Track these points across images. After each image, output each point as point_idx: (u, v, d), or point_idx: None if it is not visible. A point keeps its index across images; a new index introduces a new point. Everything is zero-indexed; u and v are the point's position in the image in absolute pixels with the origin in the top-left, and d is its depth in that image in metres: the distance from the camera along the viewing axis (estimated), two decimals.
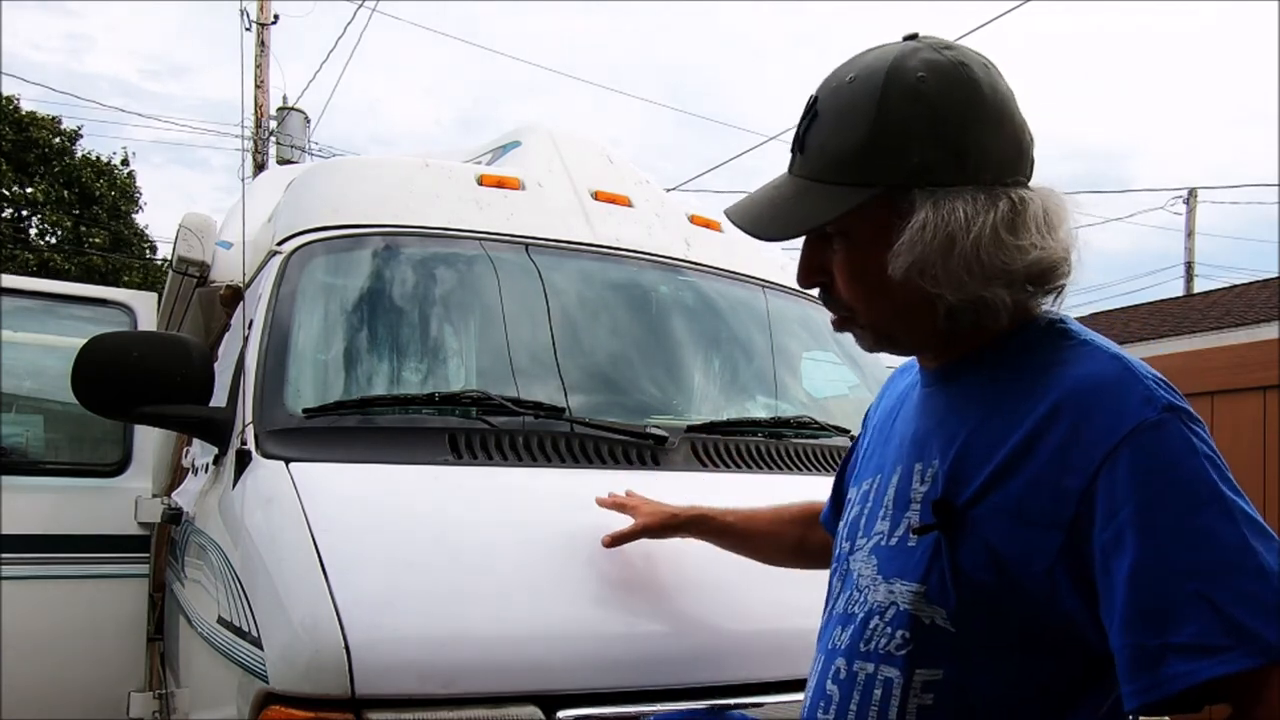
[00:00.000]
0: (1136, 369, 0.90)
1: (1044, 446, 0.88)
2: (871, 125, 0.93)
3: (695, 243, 2.74)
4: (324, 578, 1.46)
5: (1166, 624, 0.80)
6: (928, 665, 0.93)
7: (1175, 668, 0.79)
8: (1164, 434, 0.84)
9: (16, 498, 3.14)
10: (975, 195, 0.91)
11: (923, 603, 0.93)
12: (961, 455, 0.95)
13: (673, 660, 1.55)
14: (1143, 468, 0.83)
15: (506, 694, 1.42)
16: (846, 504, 1.16)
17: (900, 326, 1.01)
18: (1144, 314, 11.82)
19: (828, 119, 0.98)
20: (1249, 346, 6.46)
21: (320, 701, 1.37)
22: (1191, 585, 0.80)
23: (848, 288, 1.01)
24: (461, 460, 1.84)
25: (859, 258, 0.98)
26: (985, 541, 0.90)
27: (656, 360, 2.42)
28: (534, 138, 2.88)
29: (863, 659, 0.98)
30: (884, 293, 0.97)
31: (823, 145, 0.97)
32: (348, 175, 2.64)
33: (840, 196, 0.95)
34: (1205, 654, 0.78)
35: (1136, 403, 0.86)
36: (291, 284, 2.21)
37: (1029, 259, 0.91)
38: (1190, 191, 17.75)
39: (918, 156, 0.93)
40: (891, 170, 0.93)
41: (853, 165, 0.95)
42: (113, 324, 3.41)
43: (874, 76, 0.95)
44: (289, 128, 13.11)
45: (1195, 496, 0.82)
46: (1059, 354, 0.94)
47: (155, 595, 3.37)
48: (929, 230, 0.91)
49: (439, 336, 2.32)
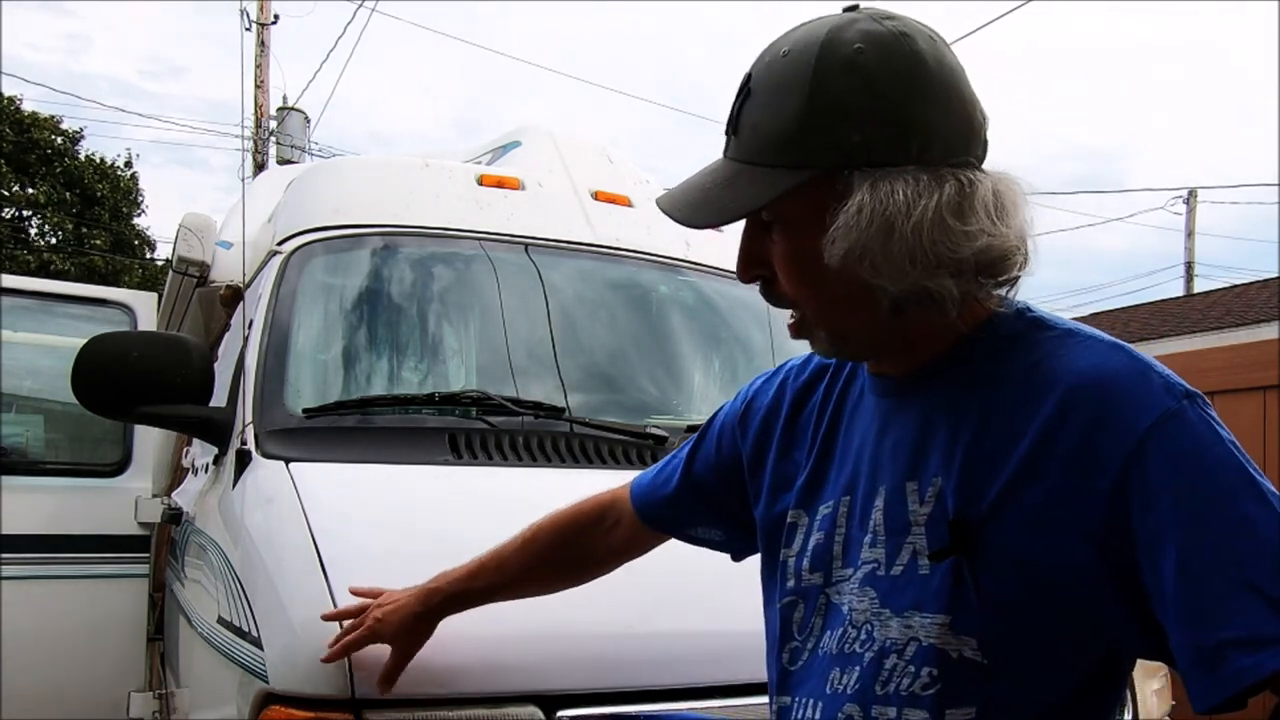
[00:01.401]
0: (1142, 356, 0.86)
1: (1060, 447, 0.83)
2: (805, 102, 0.86)
3: (695, 242, 2.74)
4: (324, 578, 1.46)
5: (1221, 619, 0.76)
6: (959, 704, 0.86)
7: (1237, 663, 0.75)
8: (1187, 422, 0.81)
9: (17, 498, 3.14)
10: (918, 176, 0.84)
11: (949, 635, 0.86)
12: (967, 469, 0.88)
13: (673, 660, 1.55)
14: (1172, 459, 0.79)
15: (506, 694, 1.42)
16: (792, 531, 1.05)
17: (848, 323, 0.92)
18: (1144, 314, 11.82)
19: (760, 97, 0.90)
20: (1249, 346, 6.47)
21: (320, 701, 1.37)
22: (1239, 575, 0.76)
23: (787, 279, 0.93)
24: (461, 460, 1.84)
25: (796, 246, 0.90)
26: (1010, 558, 0.84)
27: (656, 360, 2.42)
28: (534, 138, 2.89)
29: (881, 703, 0.89)
30: (823, 283, 0.89)
31: (755, 125, 0.90)
32: (348, 175, 2.65)
33: (773, 179, 0.87)
34: (1264, 646, 0.74)
35: (1157, 392, 0.82)
36: (291, 284, 2.21)
37: (977, 246, 0.83)
38: (1190, 191, 17.76)
39: (856, 134, 0.85)
40: (827, 150, 0.86)
41: (786, 146, 0.87)
42: (113, 324, 3.41)
43: (808, 49, 0.87)
44: (289, 128, 13.11)
45: (1228, 483, 0.79)
46: (1046, 346, 0.89)
47: (155, 595, 3.37)
48: (865, 214, 0.83)
49: (439, 336, 2.32)
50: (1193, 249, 17.86)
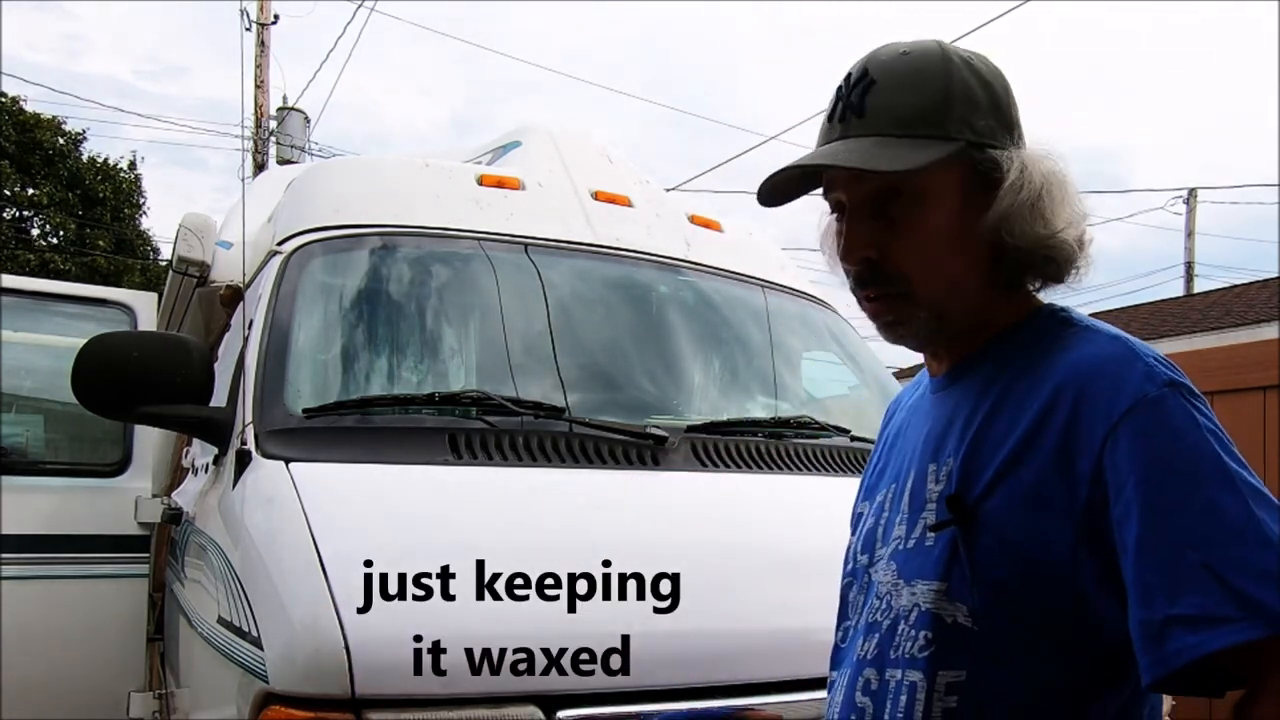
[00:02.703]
0: (1136, 347, 0.91)
1: (1050, 431, 0.89)
2: (944, 86, 0.98)
3: (695, 243, 2.74)
4: (324, 578, 1.46)
5: (1171, 596, 0.79)
6: (950, 666, 0.92)
7: (1181, 640, 0.78)
8: (1164, 409, 0.85)
9: (17, 498, 3.14)
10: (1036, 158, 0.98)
11: (944, 601, 0.93)
12: (973, 449, 0.95)
13: (673, 660, 1.55)
14: (1143, 443, 0.84)
15: (506, 694, 1.42)
16: (859, 520, 1.15)
17: (956, 295, 0.99)
18: (1144, 314, 11.82)
19: (890, 84, 0.99)
20: (1249, 346, 6.47)
21: (320, 701, 1.37)
22: (1194, 556, 0.79)
23: (914, 251, 0.98)
24: (461, 460, 1.84)
25: (935, 215, 0.98)
26: (1001, 533, 0.90)
27: (656, 360, 2.42)
28: (534, 138, 2.88)
29: (892, 666, 0.96)
30: (953, 251, 0.98)
31: (891, 105, 0.98)
32: (348, 175, 2.65)
33: (923, 148, 0.96)
34: (1210, 625, 0.78)
35: (1137, 379, 0.87)
36: (291, 284, 2.21)
37: (1078, 212, 0.97)
38: (1190, 191, 17.75)
39: (982, 120, 0.98)
40: (967, 127, 0.97)
41: (931, 120, 0.97)
42: (113, 324, 3.41)
43: (931, 50, 1.00)
44: (289, 128, 13.10)
45: (1197, 469, 0.82)
46: (1060, 340, 0.96)
47: (155, 595, 3.37)
48: (1032, 171, 0.95)
49: (439, 336, 2.32)
50: (1193, 249, 17.87)
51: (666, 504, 1.90)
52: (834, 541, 1.19)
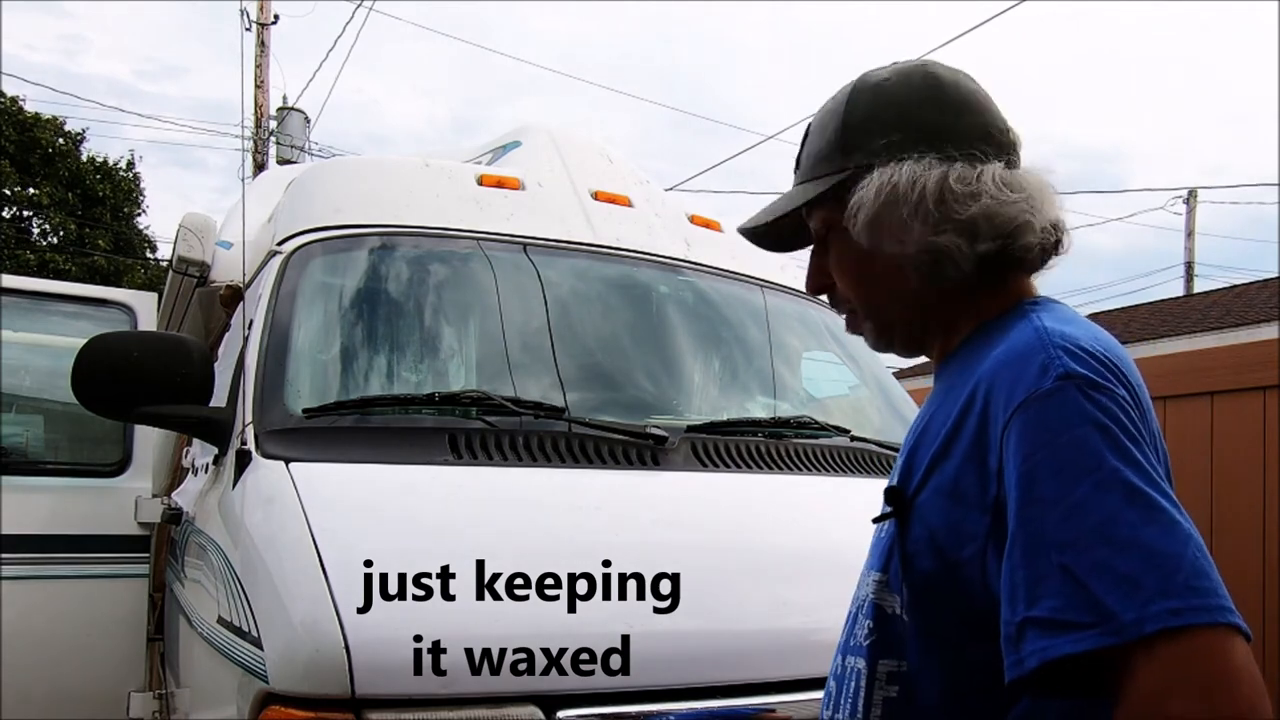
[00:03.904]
0: (1048, 338, 0.88)
1: (968, 426, 0.89)
2: (840, 123, 1.03)
3: (695, 243, 2.74)
4: (324, 578, 1.46)
5: (1030, 598, 0.78)
6: (889, 655, 0.94)
7: (1033, 644, 0.77)
8: (1052, 404, 0.82)
9: (17, 498, 3.14)
10: (929, 159, 0.97)
11: (885, 591, 0.95)
12: (916, 444, 0.98)
13: (673, 660, 1.55)
14: (1028, 439, 0.82)
15: (506, 694, 1.42)
16: None
17: (889, 308, 1.05)
18: (1144, 314, 11.82)
19: (812, 131, 1.09)
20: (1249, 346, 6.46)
21: (320, 701, 1.37)
22: (1056, 557, 0.77)
23: (838, 275, 1.07)
24: (461, 460, 1.84)
25: (840, 244, 1.05)
26: (927, 527, 0.91)
27: (656, 360, 2.42)
28: (534, 138, 2.88)
29: (850, 653, 1.00)
30: (863, 269, 1.04)
31: (808, 153, 1.09)
32: (348, 175, 2.65)
33: (815, 185, 1.05)
34: (1061, 630, 0.75)
35: (1034, 372, 0.85)
36: (291, 284, 2.21)
37: (980, 205, 0.94)
38: (1190, 191, 17.76)
39: (882, 138, 1.00)
40: (861, 156, 1.01)
41: (827, 158, 1.04)
42: (113, 324, 3.41)
43: (845, 88, 1.06)
44: (289, 128, 13.11)
45: (1073, 466, 0.79)
46: (999, 334, 0.95)
47: (155, 595, 3.37)
48: (874, 188, 0.98)
49: (439, 336, 2.32)
50: (1193, 249, 17.87)
51: (666, 504, 1.90)
52: (834, 541, 1.20)
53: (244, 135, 13.29)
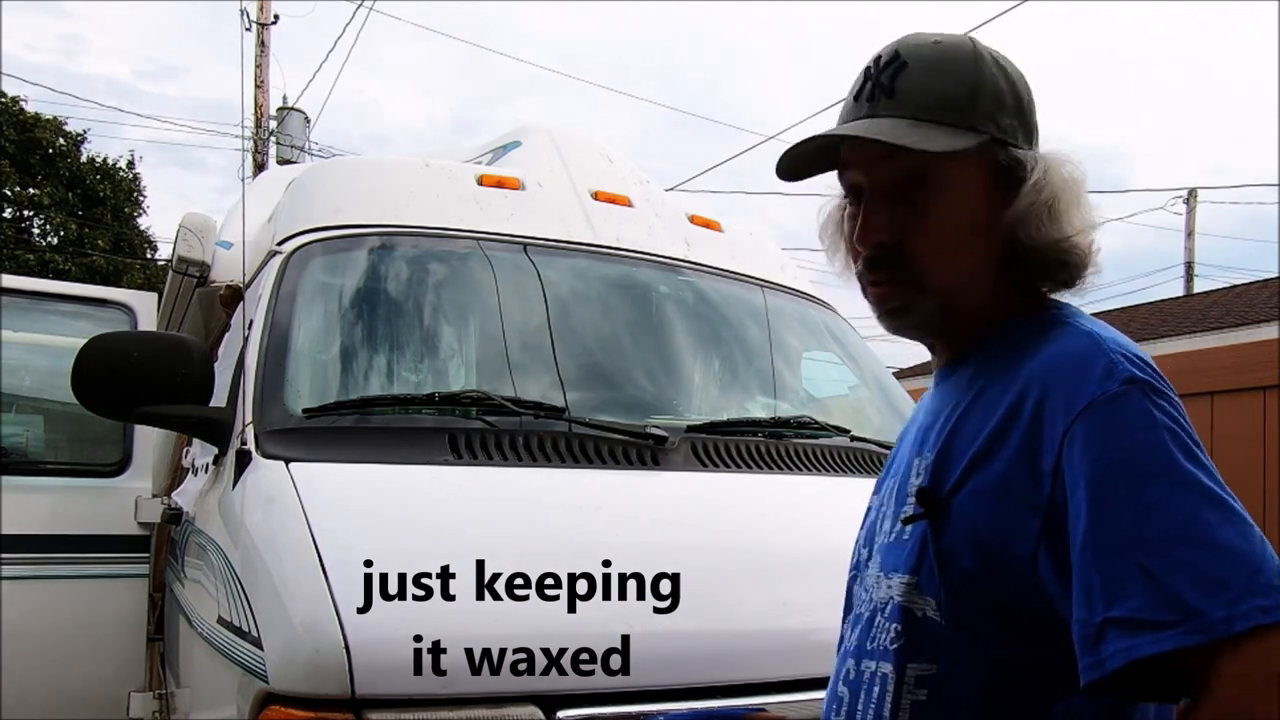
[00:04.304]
0: (1104, 343, 0.89)
1: (1017, 427, 0.89)
2: (973, 78, 0.98)
3: (695, 243, 2.74)
4: (324, 578, 1.46)
5: (1109, 598, 0.78)
6: (919, 659, 0.92)
7: (1115, 644, 0.77)
8: (1120, 406, 0.83)
9: (17, 498, 3.14)
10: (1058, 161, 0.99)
11: (914, 594, 0.93)
12: (948, 443, 0.96)
13: (673, 660, 1.55)
14: (1096, 441, 0.83)
15: (506, 694, 1.42)
16: (867, 514, 1.15)
17: (966, 288, 1.00)
18: (1144, 314, 11.82)
19: (921, 68, 0.99)
20: (1249, 346, 6.46)
21: (320, 701, 1.37)
22: (1135, 557, 0.78)
23: (934, 237, 0.97)
24: (461, 460, 1.84)
25: (955, 205, 0.97)
26: (969, 527, 0.90)
27: (656, 360, 2.42)
28: (534, 138, 2.88)
29: (868, 657, 0.98)
30: (967, 242, 0.98)
31: (922, 89, 0.98)
32: (348, 175, 2.65)
33: (956, 134, 0.96)
34: (1143, 629, 0.76)
35: (1097, 376, 0.86)
36: (291, 284, 2.21)
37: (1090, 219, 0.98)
38: (1190, 191, 17.75)
39: (1007, 119, 0.99)
40: (993, 123, 0.98)
41: (959, 109, 0.97)
42: (113, 324, 3.41)
43: (963, 43, 1.01)
44: (289, 127, 13.10)
45: (1146, 468, 0.81)
46: (1039, 336, 0.95)
47: (155, 595, 3.37)
48: (1040, 185, 0.96)
49: (439, 336, 2.32)
50: (1193, 249, 17.86)
51: (666, 504, 1.90)
52: (834, 541, 1.19)
53: (244, 135, 13.29)
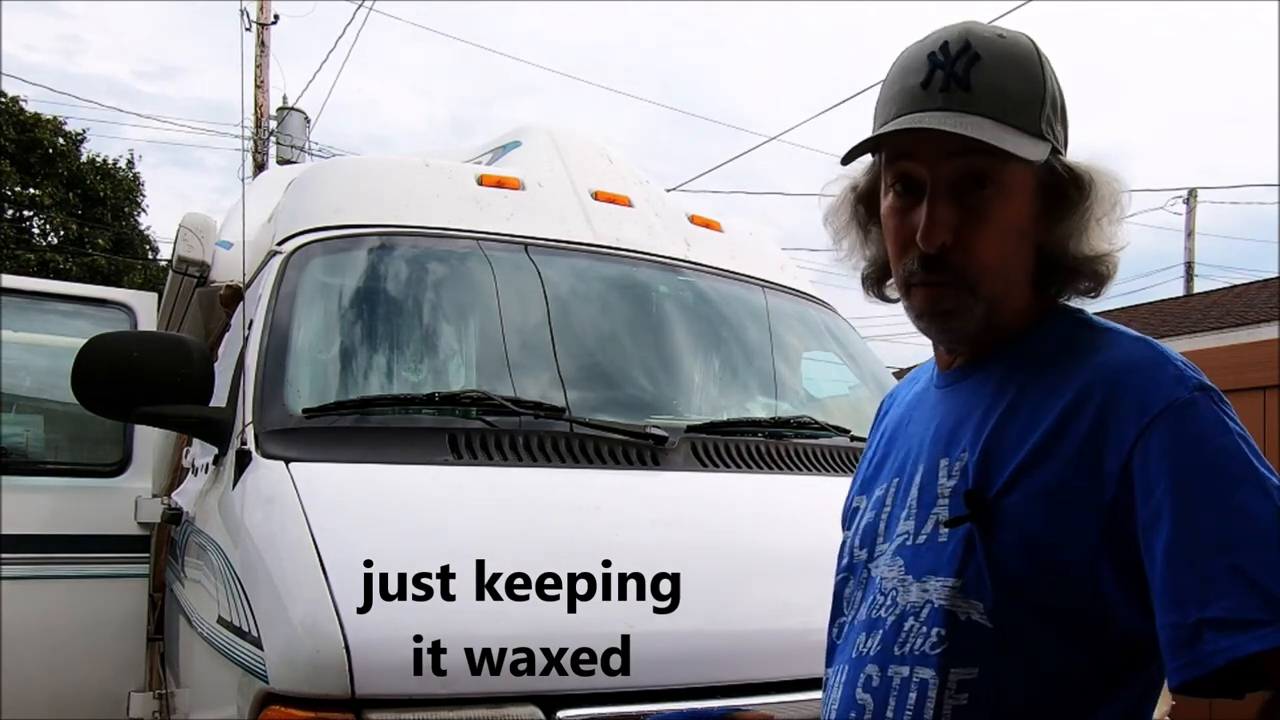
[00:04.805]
0: (1165, 350, 0.92)
1: (1076, 429, 0.89)
2: (1042, 82, 0.97)
3: (695, 243, 2.74)
4: (324, 578, 1.46)
5: (1202, 600, 0.79)
6: (963, 664, 0.91)
7: (1213, 644, 0.78)
8: (1195, 412, 0.85)
9: (17, 498, 3.14)
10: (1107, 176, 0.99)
11: (959, 598, 0.92)
12: (991, 445, 0.95)
13: (673, 660, 1.55)
14: (1175, 446, 0.84)
15: (506, 694, 1.42)
16: (855, 514, 1.14)
17: (1011, 293, 0.99)
18: (1144, 314, 11.81)
19: (995, 63, 0.95)
20: (1249, 346, 6.46)
21: (320, 701, 1.37)
22: (1226, 560, 0.79)
23: (992, 241, 0.96)
24: (461, 460, 1.84)
25: (1013, 210, 0.96)
26: (1020, 530, 0.90)
27: (656, 360, 2.42)
28: (534, 138, 2.88)
29: (898, 663, 0.96)
30: (1018, 248, 0.98)
31: (999, 86, 0.95)
32: (348, 175, 2.65)
33: (1033, 141, 0.94)
34: (1242, 628, 0.77)
35: (1168, 382, 0.87)
36: (291, 284, 2.21)
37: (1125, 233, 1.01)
38: (1190, 192, 17.74)
39: (1061, 129, 0.99)
40: (1052, 130, 0.97)
41: (1032, 113, 0.96)
42: (113, 324, 3.41)
43: (1023, 40, 0.99)
44: (289, 128, 13.10)
45: (1228, 473, 0.83)
46: (1085, 341, 0.96)
47: (155, 595, 3.37)
48: (1097, 199, 0.97)
49: (439, 336, 2.32)
50: (1193, 249, 17.85)
51: (666, 504, 1.90)
52: (834, 542, 1.19)
53: (244, 135, 13.29)
